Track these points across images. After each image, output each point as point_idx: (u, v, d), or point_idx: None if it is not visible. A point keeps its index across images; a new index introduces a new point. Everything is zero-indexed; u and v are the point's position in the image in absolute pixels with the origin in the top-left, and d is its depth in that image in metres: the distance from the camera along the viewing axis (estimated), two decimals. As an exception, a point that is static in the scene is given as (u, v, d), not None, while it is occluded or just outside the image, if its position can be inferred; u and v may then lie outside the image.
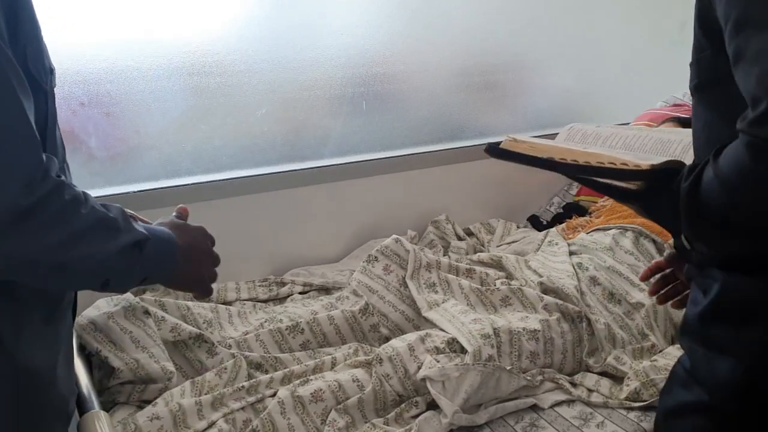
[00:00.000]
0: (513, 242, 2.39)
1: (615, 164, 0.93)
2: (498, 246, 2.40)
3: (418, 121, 2.48)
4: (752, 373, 0.90)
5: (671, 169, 0.91)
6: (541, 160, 1.00)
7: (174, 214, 1.16)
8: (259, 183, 2.19)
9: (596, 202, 2.52)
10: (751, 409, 0.92)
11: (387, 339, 1.86)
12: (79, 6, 1.81)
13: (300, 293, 2.10)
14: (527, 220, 2.69)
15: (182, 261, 1.03)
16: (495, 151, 1.05)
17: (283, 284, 2.13)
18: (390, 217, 2.43)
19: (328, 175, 2.30)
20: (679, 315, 1.92)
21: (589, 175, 0.98)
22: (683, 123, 2.31)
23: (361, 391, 1.59)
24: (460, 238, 2.42)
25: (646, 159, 0.95)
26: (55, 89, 1.03)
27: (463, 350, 1.67)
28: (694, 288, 1.00)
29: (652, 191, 0.92)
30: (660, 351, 1.85)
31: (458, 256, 2.28)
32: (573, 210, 2.60)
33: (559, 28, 2.68)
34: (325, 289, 2.13)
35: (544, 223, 2.64)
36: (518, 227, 2.56)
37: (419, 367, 1.63)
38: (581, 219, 2.45)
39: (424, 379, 1.59)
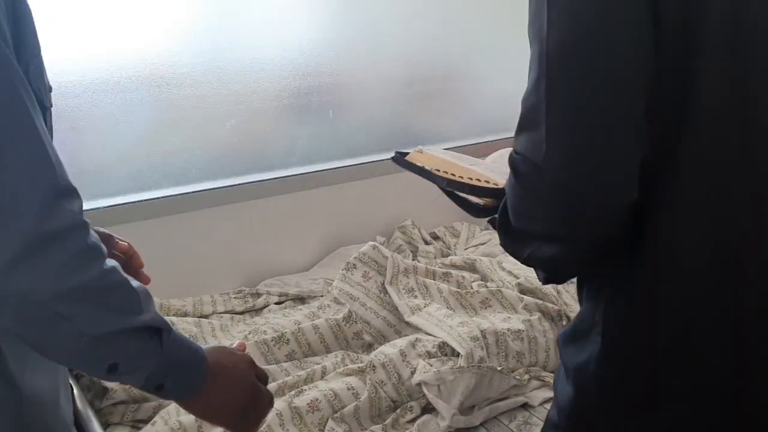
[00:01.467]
0: (480, 244, 2.44)
1: (480, 180, 0.99)
2: (466, 249, 2.44)
3: (382, 128, 2.50)
4: (583, 399, 0.93)
5: None
6: (424, 170, 1.05)
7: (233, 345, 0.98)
8: (229, 194, 2.17)
9: (555, 203, 2.59)
10: None
11: (370, 346, 1.87)
12: (42, 19, 1.75)
13: (276, 303, 2.09)
14: (488, 222, 2.74)
15: (212, 381, 0.84)
16: (397, 160, 1.11)
17: (259, 295, 2.11)
18: (357, 224, 2.44)
19: (295, 184, 2.30)
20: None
21: (454, 189, 1.02)
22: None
23: (357, 399, 1.60)
24: (426, 243, 2.46)
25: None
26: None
27: (454, 353, 1.70)
28: None
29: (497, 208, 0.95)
30: (633, 344, 1.92)
31: (427, 260, 2.31)
32: (532, 211, 2.67)
33: (507, 36, 2.75)
34: (300, 299, 2.12)
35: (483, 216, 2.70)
36: (481, 230, 2.61)
37: (412, 373, 1.64)
38: (543, 220, 2.52)
39: (419, 384, 1.61)
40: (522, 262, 0.93)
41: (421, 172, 1.07)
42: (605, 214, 0.80)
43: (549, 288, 1.95)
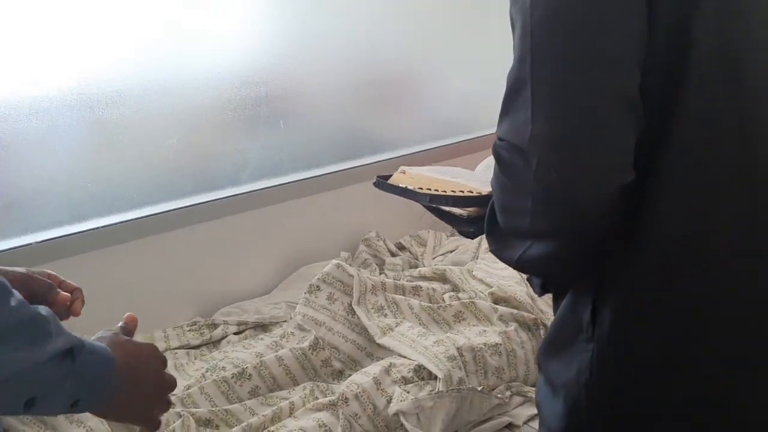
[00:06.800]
0: (449, 252, 2.32)
1: (463, 191, 0.99)
2: (434, 258, 2.32)
3: (338, 137, 2.37)
4: (574, 416, 0.86)
5: None
6: (407, 190, 1.04)
7: (119, 324, 0.91)
8: (175, 218, 2.00)
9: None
10: None
11: (341, 372, 1.74)
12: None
13: (235, 333, 1.93)
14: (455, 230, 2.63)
15: (122, 383, 0.80)
16: (380, 185, 1.11)
17: (215, 326, 1.95)
18: (318, 240, 2.30)
19: (248, 202, 2.14)
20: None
21: (437, 204, 1.01)
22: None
23: (330, 436, 1.46)
24: (393, 254, 2.33)
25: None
26: None
27: (431, 376, 1.58)
28: None
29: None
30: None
31: (395, 273, 2.18)
32: (498, 213, 2.57)
33: (456, 35, 2.65)
34: (261, 326, 1.97)
35: (471, 230, 2.59)
36: (448, 237, 2.50)
37: (388, 402, 1.51)
38: (510, 222, 2.42)
39: (396, 414, 1.48)
40: (515, 268, 0.90)
41: (404, 192, 1.05)
42: (598, 200, 0.74)
43: (523, 296, 1.85)
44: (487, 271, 2.03)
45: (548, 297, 1.86)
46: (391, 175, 1.13)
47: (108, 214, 1.89)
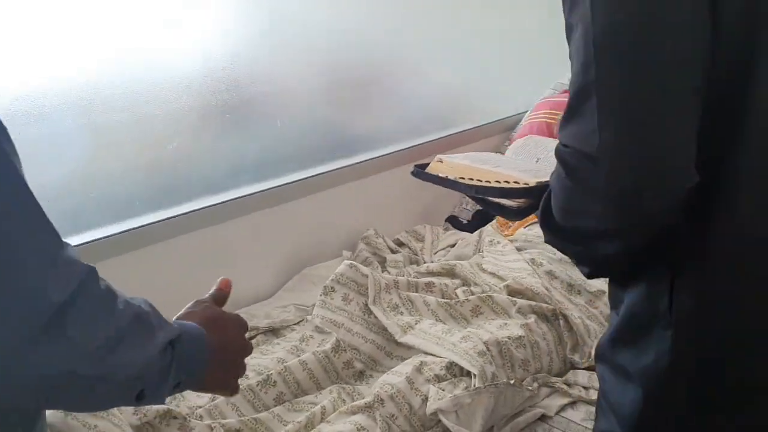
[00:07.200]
0: (449, 247, 2.32)
1: (509, 182, 0.99)
2: (435, 253, 2.32)
3: (331, 135, 2.34)
4: (652, 402, 0.87)
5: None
6: (447, 180, 1.05)
7: (212, 291, 0.93)
8: (178, 225, 1.94)
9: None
10: None
11: (362, 374, 1.72)
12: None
13: (246, 339, 1.88)
14: (446, 221, 2.63)
15: (212, 359, 0.83)
16: (418, 174, 1.10)
17: (225, 333, 1.90)
18: (318, 240, 2.27)
19: (248, 205, 2.10)
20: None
21: (484, 195, 1.02)
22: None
23: (369, 439, 1.44)
24: (393, 251, 2.31)
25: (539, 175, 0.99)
26: None
27: (463, 372, 1.57)
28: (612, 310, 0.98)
29: (534, 207, 0.93)
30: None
31: (398, 270, 2.17)
32: (490, 205, 2.57)
33: (434, 29, 2.64)
34: (272, 331, 1.93)
35: (465, 222, 2.60)
36: (444, 230, 2.50)
37: (423, 401, 1.50)
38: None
39: (434, 413, 1.47)
40: (571, 259, 0.93)
41: (444, 182, 1.05)
42: (667, 202, 0.76)
43: (538, 287, 1.85)
44: (497, 264, 2.03)
45: (562, 287, 1.87)
46: (428, 164, 1.12)
47: (110, 224, 1.83)
